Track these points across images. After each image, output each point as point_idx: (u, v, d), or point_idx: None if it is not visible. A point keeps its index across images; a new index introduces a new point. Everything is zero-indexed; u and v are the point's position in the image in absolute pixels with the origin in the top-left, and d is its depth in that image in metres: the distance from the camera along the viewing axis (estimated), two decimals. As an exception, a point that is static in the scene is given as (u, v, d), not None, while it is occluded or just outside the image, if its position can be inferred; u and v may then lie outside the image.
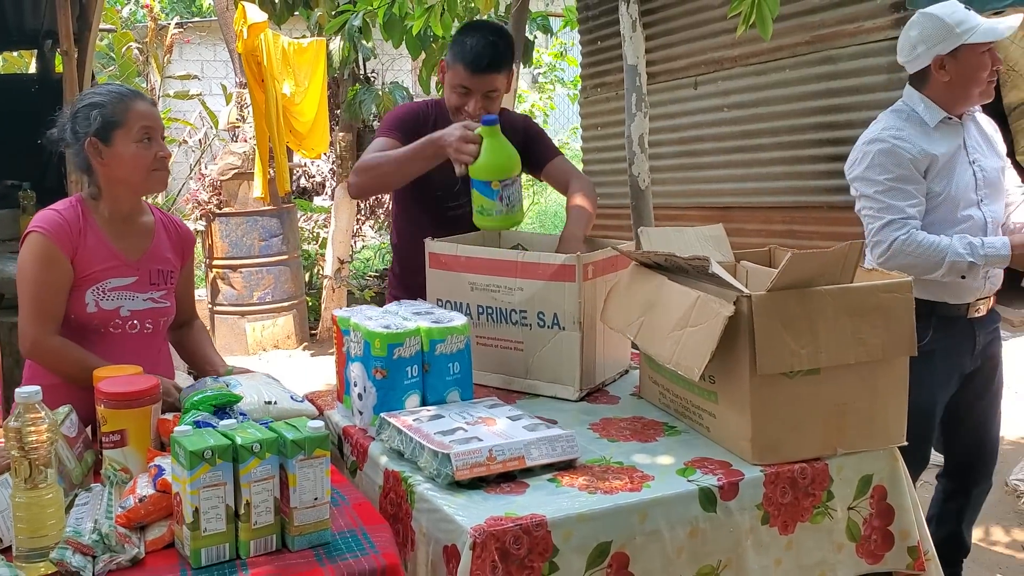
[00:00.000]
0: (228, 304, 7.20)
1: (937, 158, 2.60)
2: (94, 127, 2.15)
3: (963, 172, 2.64)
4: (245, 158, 7.08)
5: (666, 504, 1.75)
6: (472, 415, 2.00)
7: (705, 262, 1.89)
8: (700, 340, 1.85)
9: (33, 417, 1.48)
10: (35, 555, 1.49)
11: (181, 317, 2.43)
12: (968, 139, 2.69)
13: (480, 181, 2.31)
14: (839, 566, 1.94)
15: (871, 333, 1.90)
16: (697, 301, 1.90)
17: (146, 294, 2.25)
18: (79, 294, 2.16)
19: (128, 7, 13.31)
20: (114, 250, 2.22)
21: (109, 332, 2.20)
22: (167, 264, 2.32)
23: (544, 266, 2.28)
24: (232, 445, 1.52)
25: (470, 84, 2.65)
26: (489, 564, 1.59)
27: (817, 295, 1.87)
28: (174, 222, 2.44)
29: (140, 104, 2.20)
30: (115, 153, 2.17)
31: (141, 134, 2.17)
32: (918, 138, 2.62)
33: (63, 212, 2.19)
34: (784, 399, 1.88)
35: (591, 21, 8.16)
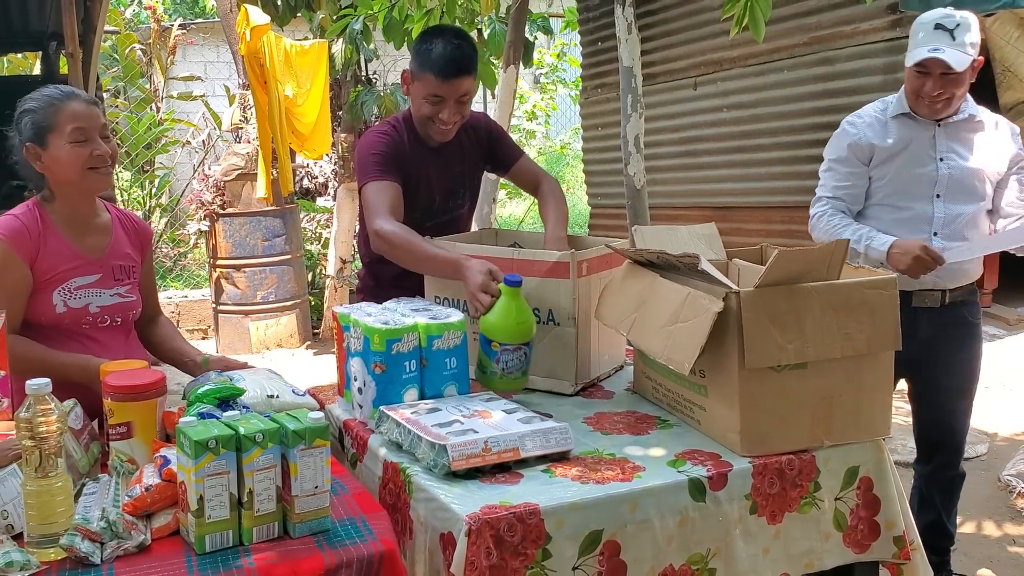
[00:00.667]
0: (232, 303, 7.26)
1: (877, 147, 2.79)
2: (27, 133, 2.18)
3: (918, 166, 2.76)
4: (248, 159, 7.14)
5: (656, 494, 1.80)
6: (468, 408, 2.05)
7: (695, 259, 1.94)
8: (690, 335, 1.90)
9: (43, 408, 1.53)
10: (45, 541, 1.54)
11: (146, 313, 2.47)
12: (941, 138, 2.76)
13: (484, 336, 2.21)
14: (826, 555, 1.99)
15: (857, 328, 1.95)
16: (687, 297, 1.95)
17: (112, 290, 2.29)
18: (45, 297, 2.20)
19: (131, 8, 13.36)
20: (75, 250, 2.25)
21: (81, 330, 2.24)
22: (128, 259, 2.37)
23: (539, 263, 2.33)
24: (235, 435, 1.57)
25: (442, 92, 2.60)
26: (484, 550, 1.64)
27: (804, 291, 1.92)
28: (130, 218, 2.47)
29: (72, 104, 2.19)
30: (52, 156, 2.18)
31: (75, 135, 2.17)
32: (870, 126, 2.81)
33: (21, 217, 2.21)
34: (772, 392, 1.93)
35: (591, 22, 8.21)
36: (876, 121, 2.82)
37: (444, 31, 2.69)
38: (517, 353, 2.19)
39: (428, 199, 2.77)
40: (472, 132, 2.83)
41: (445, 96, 2.61)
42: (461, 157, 2.84)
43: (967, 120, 2.78)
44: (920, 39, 2.68)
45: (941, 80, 2.65)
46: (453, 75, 2.59)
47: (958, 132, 2.77)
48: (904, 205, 2.78)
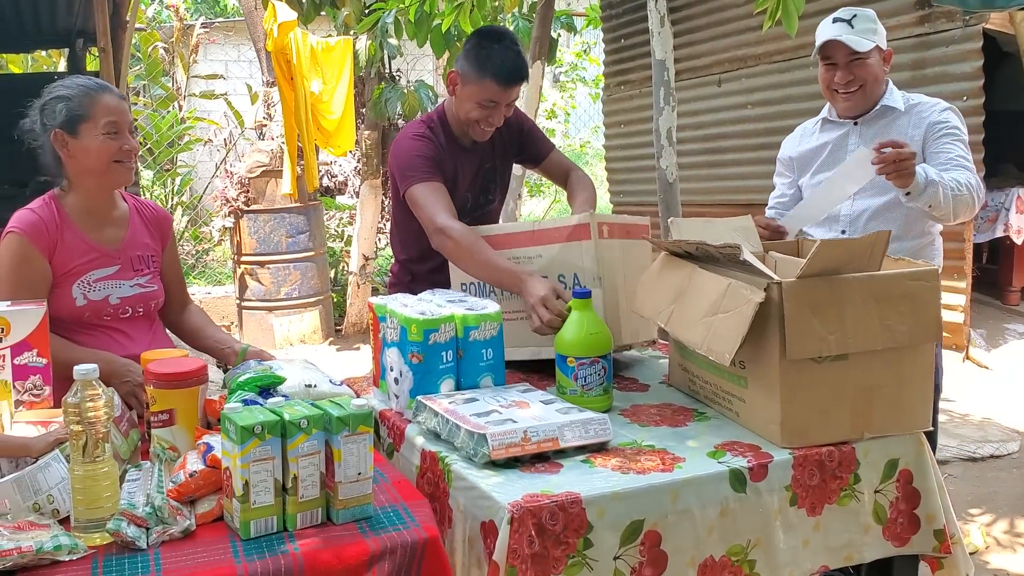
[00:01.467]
0: (256, 300, 7.29)
1: (794, 158, 2.90)
2: (60, 119, 2.19)
3: (830, 167, 2.78)
4: (273, 156, 7.17)
5: (697, 484, 1.79)
6: (506, 398, 2.05)
7: (736, 250, 1.93)
8: (731, 326, 1.89)
9: (91, 393, 1.54)
10: (92, 525, 1.55)
11: (174, 302, 2.47)
12: (854, 136, 2.77)
13: (559, 355, 2.16)
14: (865, 548, 1.98)
15: (898, 320, 1.93)
16: (728, 288, 1.94)
17: (131, 280, 2.31)
18: (65, 291, 2.22)
19: (152, 7, 13.44)
20: (92, 243, 2.27)
21: (104, 321, 2.26)
22: (146, 249, 2.38)
23: (559, 229, 2.34)
24: (280, 421, 1.58)
25: (500, 98, 2.63)
26: (526, 539, 1.64)
27: (845, 282, 1.91)
28: (148, 206, 2.47)
29: (107, 98, 2.22)
30: (81, 146, 2.20)
31: (108, 127, 2.20)
32: (793, 138, 2.94)
33: (38, 211, 2.23)
34: (812, 384, 1.92)
35: (615, 19, 8.20)
36: (803, 131, 2.92)
37: (502, 36, 2.68)
38: (595, 367, 2.12)
39: (462, 198, 2.78)
40: (504, 127, 2.84)
41: (500, 102, 2.64)
42: (492, 153, 2.86)
43: (881, 112, 2.75)
44: (821, 33, 2.72)
45: (848, 67, 2.67)
46: (515, 82, 2.63)
47: (873, 126, 2.76)
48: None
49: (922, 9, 5.37)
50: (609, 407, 2.16)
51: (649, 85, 7.09)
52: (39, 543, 1.46)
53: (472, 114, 2.66)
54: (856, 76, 2.67)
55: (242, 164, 7.42)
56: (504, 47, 2.62)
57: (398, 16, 4.24)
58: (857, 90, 2.69)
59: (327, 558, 1.52)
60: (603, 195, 9.16)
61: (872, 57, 2.66)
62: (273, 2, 6.18)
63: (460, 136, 2.76)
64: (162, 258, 2.44)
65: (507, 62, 2.60)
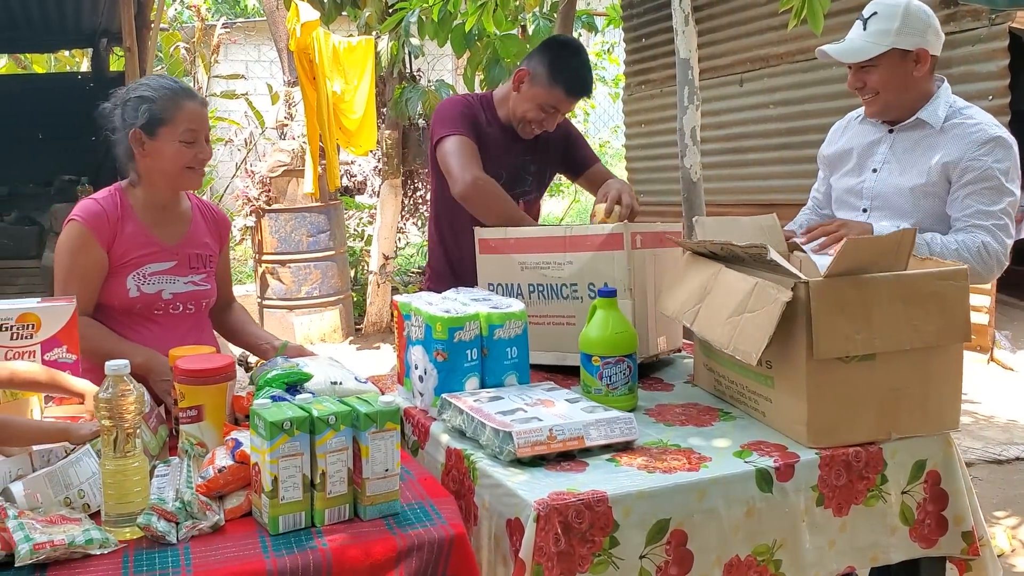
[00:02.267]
0: (277, 298, 7.33)
1: (825, 155, 2.74)
2: (141, 120, 2.22)
3: (854, 176, 2.60)
4: (294, 155, 7.20)
5: (724, 484, 1.79)
6: (531, 397, 2.05)
7: (763, 250, 1.93)
8: (758, 325, 1.88)
9: (123, 389, 1.56)
10: (123, 520, 1.56)
11: (221, 300, 2.51)
12: (885, 146, 2.55)
13: (584, 354, 2.15)
14: (892, 549, 1.96)
15: (926, 320, 1.92)
16: (755, 288, 1.93)
17: (186, 277, 2.33)
18: (120, 280, 2.25)
19: (174, 7, 13.53)
20: (152, 237, 2.30)
21: (153, 315, 2.29)
22: (205, 248, 2.41)
23: (592, 237, 2.33)
24: (309, 417, 1.59)
25: (563, 107, 2.75)
26: (552, 536, 1.64)
27: (873, 282, 1.90)
28: (210, 208, 2.52)
29: (190, 104, 2.25)
30: (157, 148, 2.23)
31: (187, 135, 2.23)
32: (841, 128, 2.74)
33: (102, 201, 2.28)
34: (839, 384, 1.91)
35: (636, 19, 8.19)
36: (848, 124, 2.70)
37: (578, 49, 2.83)
38: (620, 366, 2.11)
39: (494, 172, 2.80)
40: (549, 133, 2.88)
41: (562, 110, 2.76)
42: (534, 148, 2.92)
43: (914, 125, 2.48)
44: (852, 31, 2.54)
45: (857, 73, 2.46)
46: (581, 95, 2.76)
47: (907, 140, 2.50)
48: (837, 214, 2.66)
49: (948, 8, 5.33)
50: (634, 406, 2.16)
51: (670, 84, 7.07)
52: (71, 537, 1.47)
53: (529, 114, 2.76)
54: (867, 84, 2.45)
55: (263, 164, 7.46)
56: (580, 62, 2.76)
57: (421, 16, 4.26)
58: (873, 96, 2.47)
59: (355, 554, 1.53)
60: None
61: (885, 63, 2.40)
62: (296, 2, 6.21)
63: (506, 123, 2.84)
64: (217, 259, 2.47)
65: (582, 77, 2.74)
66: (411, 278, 8.55)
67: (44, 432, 1.76)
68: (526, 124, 2.78)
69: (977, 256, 2.34)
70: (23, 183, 7.26)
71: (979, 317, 5.59)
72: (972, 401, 5.11)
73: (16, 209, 6.59)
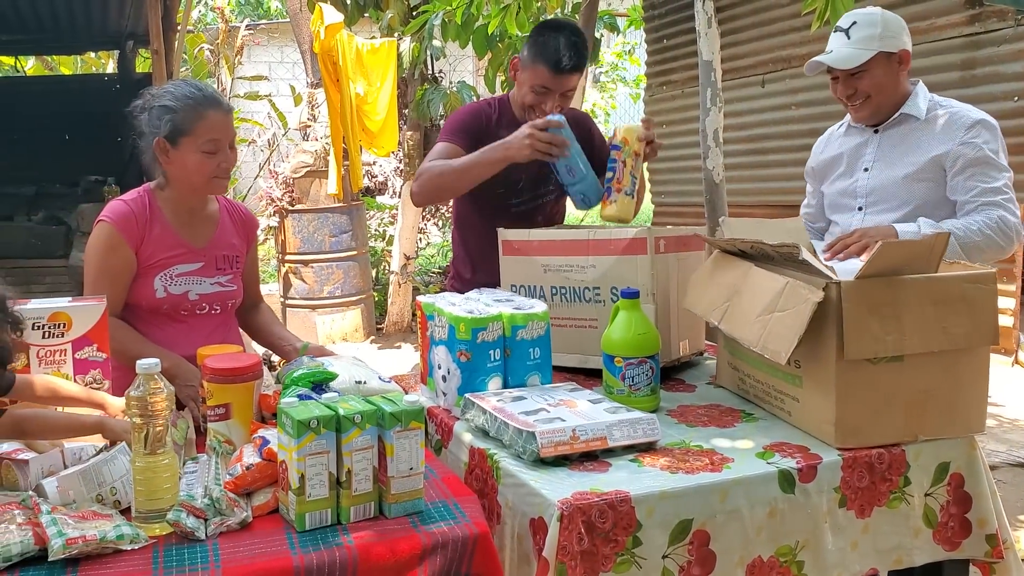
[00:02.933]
0: (299, 298, 7.38)
1: (814, 167, 2.82)
2: (164, 130, 2.24)
3: (845, 179, 2.70)
4: (317, 156, 7.25)
5: (746, 484, 1.79)
6: (554, 397, 2.07)
7: (795, 249, 1.93)
8: (788, 325, 1.89)
9: (154, 387, 1.58)
10: (153, 516, 1.59)
11: (248, 300, 2.53)
12: (872, 146, 2.65)
13: (606, 354, 2.16)
14: (916, 551, 1.96)
15: (955, 322, 1.92)
16: (786, 287, 1.93)
17: (213, 278, 2.36)
18: (147, 281, 2.28)
19: (198, 9, 13.64)
20: (180, 238, 2.33)
21: (180, 315, 2.31)
22: (232, 249, 2.43)
23: (616, 241, 2.34)
24: (335, 416, 1.61)
25: (551, 84, 2.70)
26: (576, 536, 1.65)
27: (904, 283, 1.91)
28: (238, 208, 2.54)
29: (212, 114, 2.25)
30: (180, 157, 2.26)
31: (208, 146, 2.25)
32: (825, 140, 2.83)
33: (131, 203, 2.30)
34: (868, 384, 1.91)
35: (657, 20, 8.18)
36: (830, 136, 2.82)
37: (563, 26, 2.78)
38: (643, 367, 2.12)
39: (515, 178, 2.82)
40: (575, 126, 2.87)
41: (553, 89, 2.71)
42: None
43: (900, 120, 2.61)
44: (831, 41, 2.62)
45: (847, 81, 2.56)
46: (566, 71, 2.69)
47: (894, 137, 2.62)
48: (833, 220, 2.73)
49: (972, 8, 5.30)
50: (656, 407, 2.17)
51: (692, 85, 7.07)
52: (102, 532, 1.50)
53: (527, 99, 2.77)
54: (858, 89, 2.55)
55: (287, 164, 7.51)
56: (563, 36, 2.69)
57: (445, 18, 4.28)
58: (864, 101, 2.57)
59: (381, 551, 1.54)
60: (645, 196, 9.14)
61: (875, 67, 2.52)
62: (320, 4, 6.25)
63: (522, 119, 2.83)
64: (245, 259, 2.49)
65: (562, 50, 2.67)
66: (432, 278, 8.58)
67: (79, 424, 1.79)
68: (528, 112, 2.78)
69: (999, 231, 2.44)
70: (50, 183, 7.35)
71: (1003, 319, 5.55)
72: (996, 404, 5.07)
73: (43, 209, 6.67)
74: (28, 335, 1.94)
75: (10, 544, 1.46)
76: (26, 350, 1.95)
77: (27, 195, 7.07)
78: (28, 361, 1.95)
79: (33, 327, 1.96)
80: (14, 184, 7.26)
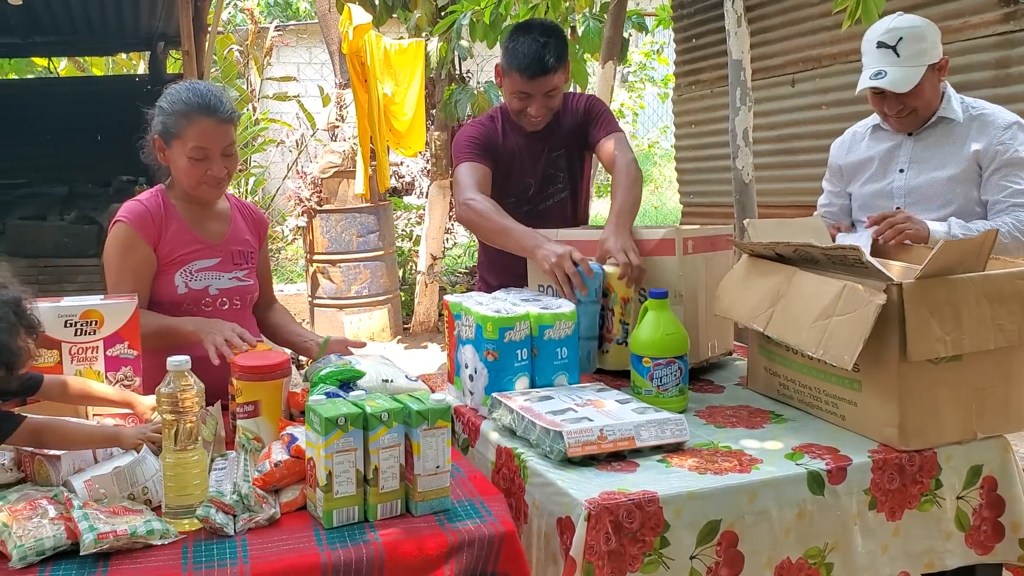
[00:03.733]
0: (327, 297, 7.42)
1: (843, 167, 2.79)
2: (157, 129, 2.28)
3: (880, 180, 2.68)
4: (345, 156, 7.28)
5: (775, 486, 1.78)
6: (581, 397, 2.06)
7: (856, 252, 1.92)
8: (850, 328, 1.87)
9: (184, 384, 1.60)
10: (182, 512, 1.60)
11: (262, 299, 2.55)
12: (907, 148, 2.63)
13: (634, 355, 2.16)
14: (947, 555, 1.94)
15: (1008, 319, 1.92)
16: (843, 290, 1.92)
17: (230, 273, 2.38)
18: (168, 278, 2.30)
19: (227, 10, 13.74)
20: (196, 235, 2.35)
21: (202, 310, 2.33)
22: (246, 245, 2.45)
23: (644, 242, 2.33)
24: (362, 413, 1.61)
25: (528, 89, 2.68)
26: (603, 535, 1.64)
27: (961, 282, 1.90)
28: (248, 207, 2.56)
29: (202, 121, 2.23)
30: (172, 158, 2.29)
31: (195, 152, 2.24)
32: (844, 144, 2.82)
33: (146, 202, 2.32)
34: (929, 385, 1.91)
35: (686, 19, 8.13)
36: (854, 136, 2.79)
37: (532, 27, 2.73)
38: (671, 368, 2.11)
39: (523, 183, 2.82)
40: (572, 115, 2.86)
41: (531, 92, 2.69)
42: (559, 140, 2.88)
43: (936, 124, 2.61)
44: (866, 60, 2.57)
45: (897, 98, 2.52)
46: (538, 74, 2.66)
47: (929, 138, 2.62)
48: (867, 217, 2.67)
49: (1007, 6, 5.23)
50: (685, 408, 2.16)
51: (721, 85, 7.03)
52: (133, 527, 1.51)
53: (512, 104, 2.76)
54: (907, 105, 2.54)
55: (315, 165, 7.55)
56: (530, 39, 2.66)
57: (473, 19, 4.28)
58: (911, 114, 2.57)
59: (408, 549, 1.55)
60: (673, 196, 9.10)
61: (924, 82, 2.51)
62: (348, 5, 6.28)
63: (520, 124, 2.83)
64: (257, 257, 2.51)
65: (531, 54, 2.64)
66: (458, 278, 8.60)
67: (95, 436, 1.80)
68: (519, 116, 2.77)
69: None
70: (83, 183, 7.43)
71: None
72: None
73: (76, 209, 6.74)
74: (60, 332, 1.97)
75: (43, 538, 1.48)
76: (57, 347, 1.97)
77: (60, 195, 7.15)
78: (60, 358, 1.97)
79: (65, 324, 1.98)
80: (47, 184, 7.35)
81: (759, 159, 6.93)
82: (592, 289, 2.31)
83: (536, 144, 2.85)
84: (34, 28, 7.05)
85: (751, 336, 2.28)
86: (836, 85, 6.49)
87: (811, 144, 6.74)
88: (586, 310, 2.31)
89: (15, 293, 1.73)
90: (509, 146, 2.83)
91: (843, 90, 6.41)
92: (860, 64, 6.78)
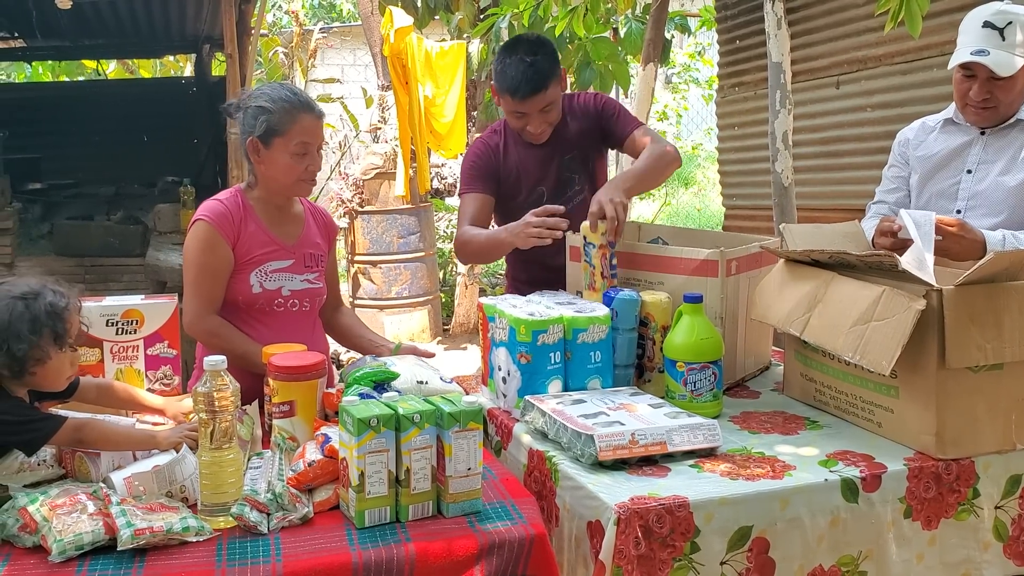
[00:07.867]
0: (368, 298, 7.47)
1: (912, 156, 2.65)
2: (258, 130, 2.30)
3: (945, 179, 2.55)
4: (387, 158, 7.33)
5: (808, 493, 1.77)
6: (614, 401, 2.06)
7: (891, 259, 1.90)
8: (888, 334, 1.85)
9: (220, 383, 1.63)
10: (218, 509, 1.63)
11: (329, 303, 2.58)
12: (978, 148, 2.51)
13: (668, 359, 2.16)
14: (985, 566, 1.91)
15: (1051, 329, 1.89)
16: (882, 296, 1.90)
17: (302, 275, 2.41)
18: (244, 277, 2.33)
19: (272, 13, 13.89)
20: (272, 236, 2.38)
21: (273, 310, 2.36)
22: (318, 248, 2.48)
23: (686, 261, 2.31)
24: (395, 415, 1.63)
25: (522, 108, 2.68)
26: (633, 540, 1.64)
27: (1003, 290, 1.87)
28: (320, 211, 2.59)
29: (306, 118, 2.31)
30: (271, 157, 2.31)
31: (298, 148, 2.30)
32: (922, 131, 2.67)
33: (225, 202, 2.36)
34: (968, 393, 1.88)
35: (729, 20, 8.07)
36: (923, 128, 2.66)
37: (519, 46, 2.72)
38: (705, 372, 2.10)
39: (535, 192, 2.82)
40: (581, 116, 2.85)
41: (527, 111, 2.69)
42: (570, 144, 2.86)
43: (1013, 125, 2.47)
44: (967, 39, 2.42)
45: (988, 84, 2.39)
46: (529, 94, 2.65)
47: (1002, 140, 2.48)
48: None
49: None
50: (719, 413, 2.14)
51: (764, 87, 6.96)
52: (169, 524, 1.55)
53: (512, 123, 2.77)
54: (993, 95, 2.41)
55: (357, 166, 7.61)
56: (517, 59, 2.65)
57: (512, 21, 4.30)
58: (992, 108, 2.44)
59: (438, 550, 1.56)
60: (716, 198, 9.03)
61: (1020, 74, 2.37)
62: (390, 7, 6.32)
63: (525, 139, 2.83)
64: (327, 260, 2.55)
65: (517, 76, 2.63)
66: (498, 280, 8.62)
67: (132, 438, 1.84)
68: (522, 134, 2.78)
69: None
70: (129, 184, 7.55)
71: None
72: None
73: (122, 209, 6.85)
74: (102, 331, 2.01)
75: (82, 533, 1.51)
76: (99, 345, 2.01)
77: (106, 195, 7.27)
78: (102, 356, 2.02)
79: (107, 323, 2.03)
80: (94, 184, 7.48)
81: (802, 162, 6.87)
82: (629, 316, 2.26)
83: (545, 152, 2.84)
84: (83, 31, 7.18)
85: (787, 341, 2.26)
86: (881, 87, 6.40)
87: (855, 147, 6.65)
88: (622, 337, 2.26)
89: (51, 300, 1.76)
90: (513, 160, 2.83)
91: (889, 92, 6.33)
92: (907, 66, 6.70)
